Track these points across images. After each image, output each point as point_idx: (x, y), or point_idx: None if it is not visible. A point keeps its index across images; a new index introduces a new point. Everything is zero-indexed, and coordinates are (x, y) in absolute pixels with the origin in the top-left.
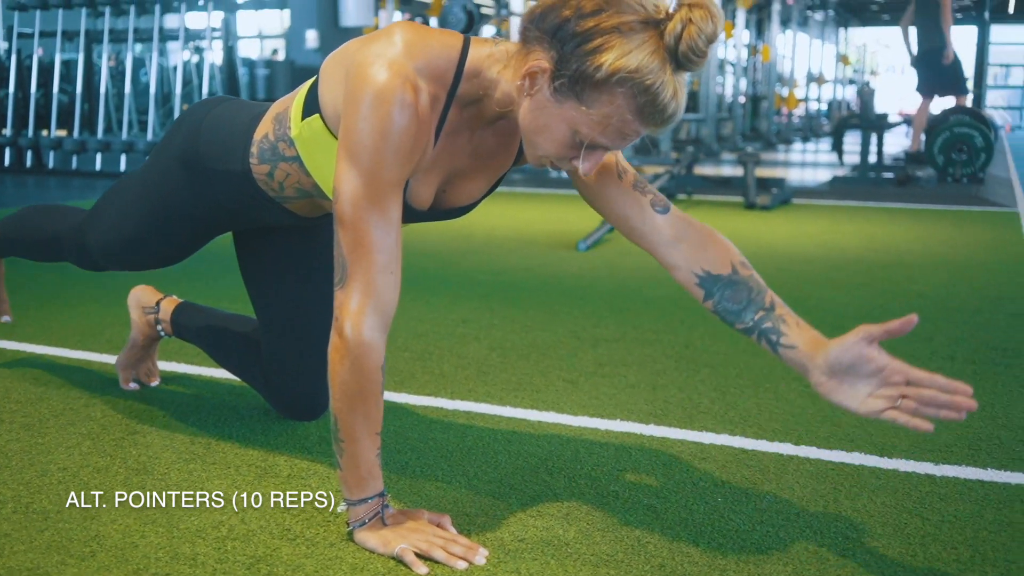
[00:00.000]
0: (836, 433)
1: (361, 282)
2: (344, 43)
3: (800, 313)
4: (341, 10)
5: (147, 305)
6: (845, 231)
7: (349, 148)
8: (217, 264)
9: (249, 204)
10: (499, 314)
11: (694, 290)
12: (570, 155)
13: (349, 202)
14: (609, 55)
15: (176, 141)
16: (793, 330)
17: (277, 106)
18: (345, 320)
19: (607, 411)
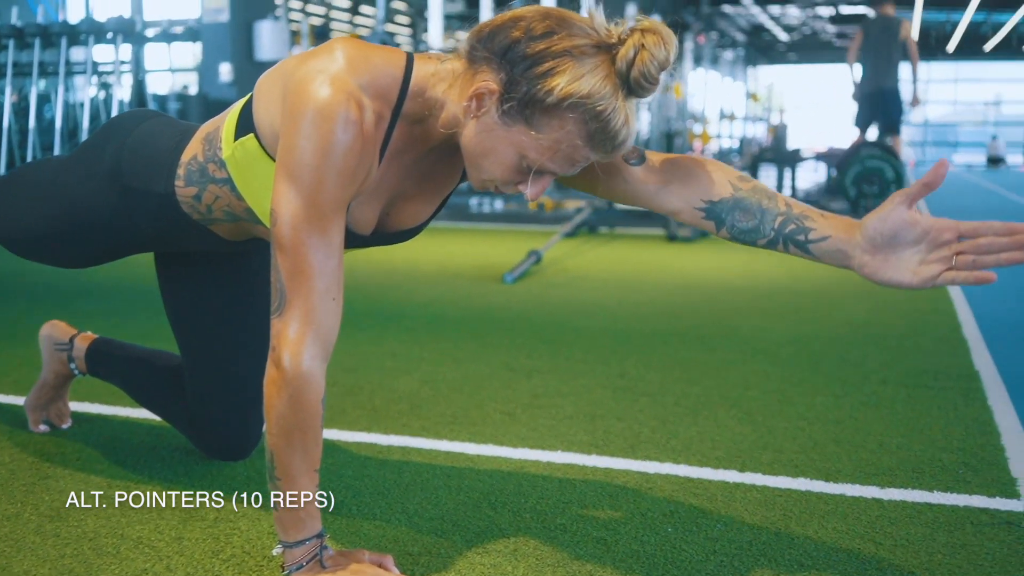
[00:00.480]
0: (779, 459)
1: (301, 309)
2: (278, 63)
3: (734, 342)
4: (256, 44)
5: (60, 342)
6: (767, 262)
7: (289, 168)
8: (136, 299)
9: (169, 228)
10: (428, 347)
11: (704, 224)
12: (516, 179)
13: (288, 224)
14: (560, 79)
15: (101, 148)
16: (819, 221)
17: (207, 126)
18: (283, 350)
19: (547, 443)
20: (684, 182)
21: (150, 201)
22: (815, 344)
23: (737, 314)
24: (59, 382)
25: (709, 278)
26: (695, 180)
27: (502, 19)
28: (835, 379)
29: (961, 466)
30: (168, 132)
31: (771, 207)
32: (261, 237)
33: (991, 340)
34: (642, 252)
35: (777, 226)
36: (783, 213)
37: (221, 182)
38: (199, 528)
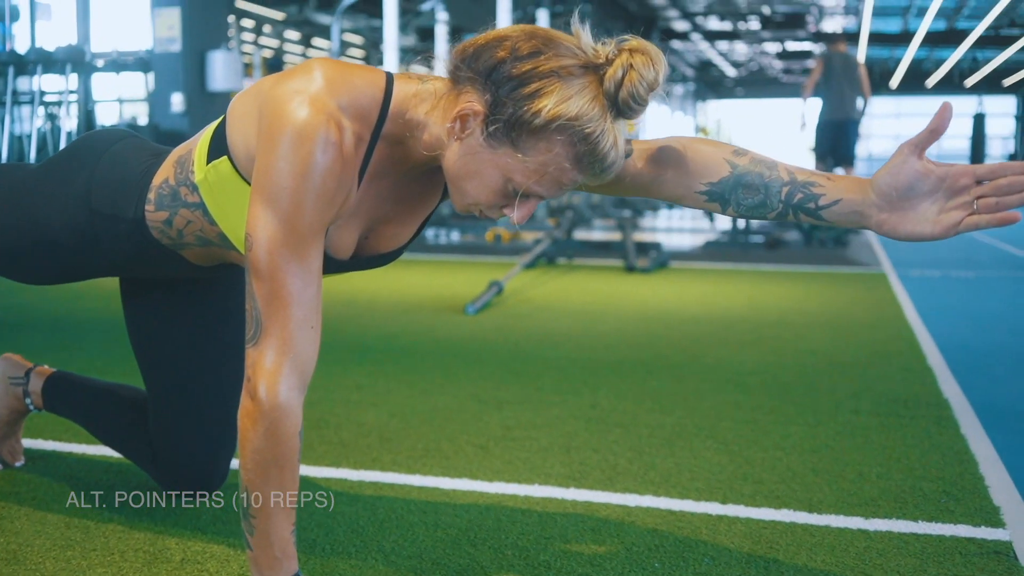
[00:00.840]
0: (760, 490)
1: (278, 338)
2: (253, 84)
3: (701, 371)
4: (209, 74)
5: (14, 376)
6: (726, 292)
7: (266, 190)
8: (95, 332)
9: (137, 253)
10: (394, 379)
11: (708, 206)
12: (501, 203)
13: (265, 249)
14: (548, 100)
15: (72, 168)
16: (828, 186)
17: (179, 150)
18: (259, 380)
19: (523, 476)
20: (679, 168)
21: (119, 226)
22: (782, 373)
23: (701, 344)
24: (13, 418)
25: (669, 308)
26: (690, 164)
27: (486, 38)
28: (807, 408)
29: (943, 495)
30: (139, 155)
31: (774, 178)
32: (233, 262)
33: (956, 368)
34: (601, 283)
35: (784, 197)
36: (788, 182)
37: (193, 206)
38: (164, 570)
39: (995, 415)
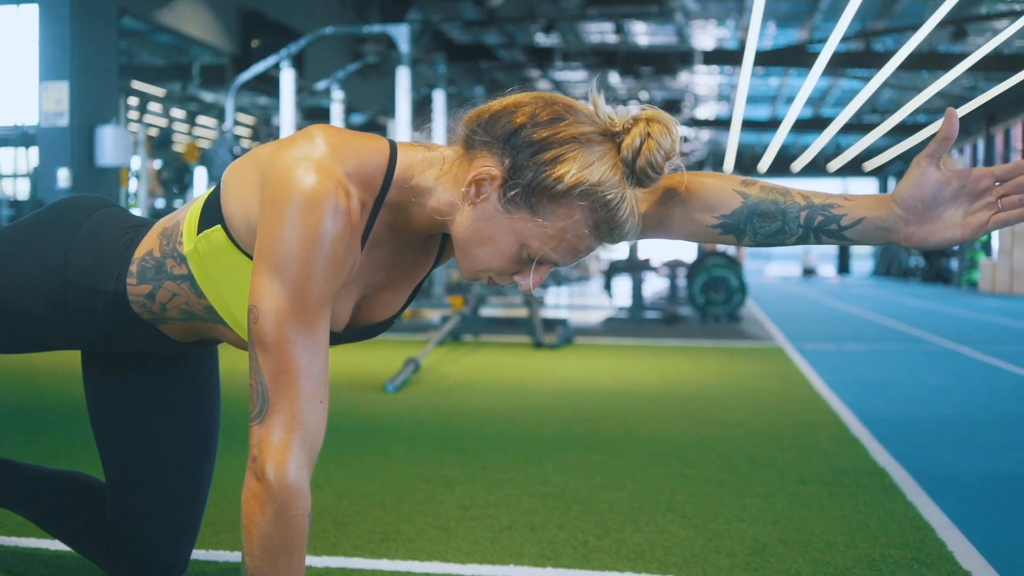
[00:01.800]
0: (736, 563)
1: (286, 414)
2: (249, 152)
3: (639, 446)
4: (97, 149)
5: None
6: (637, 366)
7: (273, 260)
8: (59, 419)
9: (111, 328)
10: (331, 460)
11: (723, 239)
12: (513, 270)
13: (272, 321)
14: (570, 166)
15: (48, 235)
16: (847, 206)
17: (163, 222)
18: (266, 460)
19: (494, 557)
20: (687, 204)
21: (96, 299)
22: (718, 446)
23: (630, 418)
24: None
25: (588, 383)
26: (698, 199)
27: (502, 105)
28: (754, 480)
29: (913, 562)
30: (119, 226)
31: (790, 203)
32: (214, 338)
33: (881, 438)
34: (513, 359)
35: (804, 221)
36: (805, 207)
37: (180, 279)
38: None
39: (934, 482)
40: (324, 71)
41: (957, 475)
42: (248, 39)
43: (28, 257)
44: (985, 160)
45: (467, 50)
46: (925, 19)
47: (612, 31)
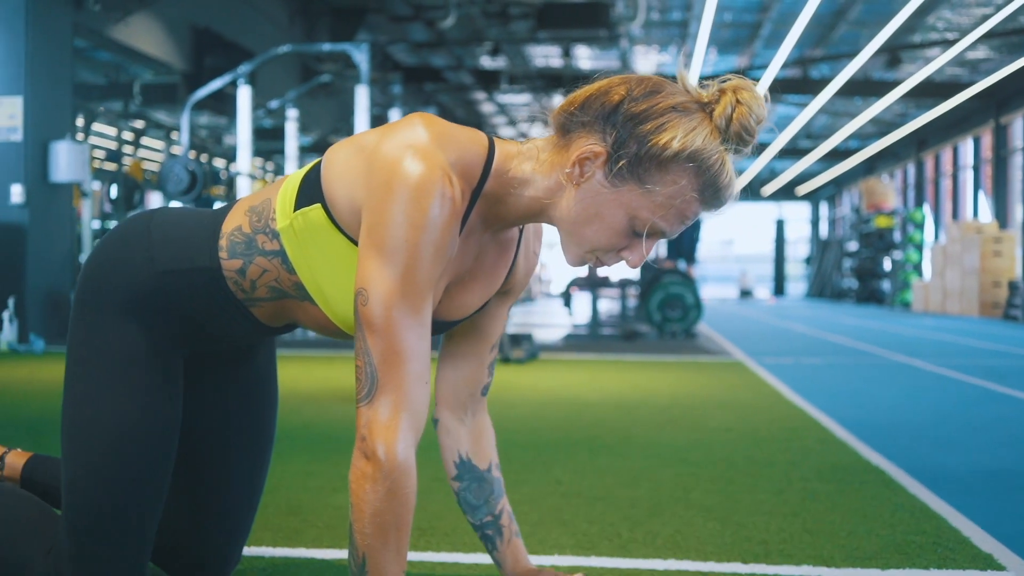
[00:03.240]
0: (769, 550)
1: (394, 394)
2: (351, 137)
3: (640, 450)
4: (52, 165)
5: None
6: (609, 379)
7: (382, 244)
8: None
9: (210, 310)
10: (340, 465)
11: (450, 467)
12: (621, 244)
13: (382, 304)
14: (674, 132)
15: (120, 252)
16: (504, 547)
17: (248, 200)
18: (376, 439)
19: (535, 548)
20: (474, 434)
21: (194, 278)
22: (716, 449)
23: (622, 425)
24: None
25: (566, 394)
26: (479, 441)
27: (592, 89)
28: (761, 478)
29: (935, 546)
30: (192, 212)
31: (492, 504)
32: (298, 321)
33: (867, 440)
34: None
35: (485, 521)
36: (494, 516)
37: (271, 254)
38: None
39: (931, 478)
40: (274, 90)
41: (950, 472)
42: (201, 57)
43: (116, 273)
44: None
45: (414, 72)
46: (861, 47)
47: (558, 55)
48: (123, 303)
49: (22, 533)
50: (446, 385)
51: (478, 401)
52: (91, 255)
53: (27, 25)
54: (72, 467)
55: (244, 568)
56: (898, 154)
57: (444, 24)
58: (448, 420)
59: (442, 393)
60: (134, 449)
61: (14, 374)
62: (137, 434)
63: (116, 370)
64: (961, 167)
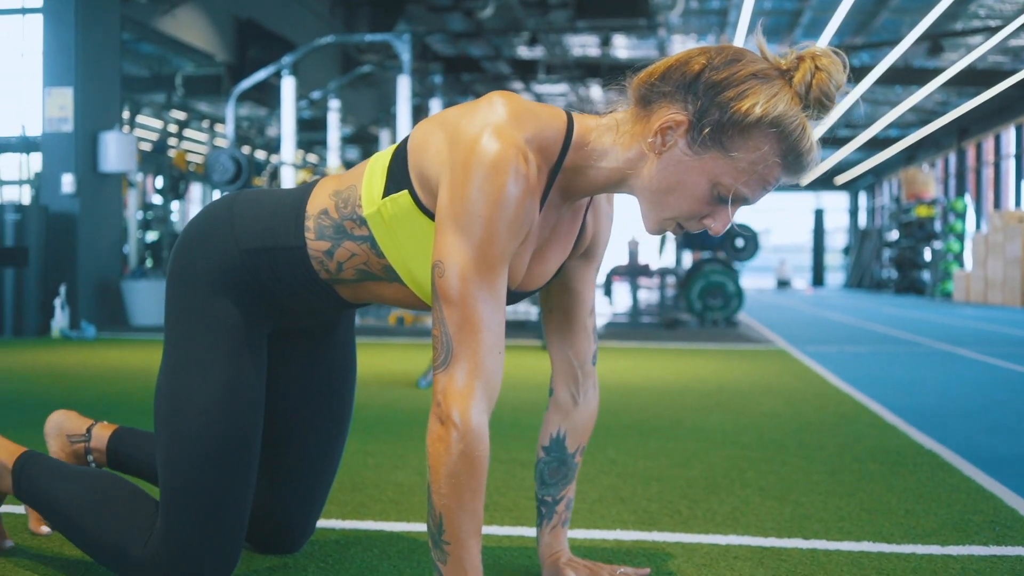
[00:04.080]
0: (830, 528)
1: (469, 363)
2: (435, 115)
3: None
4: (101, 156)
5: (74, 433)
6: (652, 366)
7: (458, 218)
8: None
9: (297, 289)
10: (396, 444)
11: (544, 435)
12: (703, 212)
13: (457, 276)
14: (756, 98)
15: (204, 234)
16: (547, 529)
17: (331, 183)
18: (451, 405)
19: (598, 523)
20: (580, 413)
21: (277, 256)
22: (767, 432)
23: (669, 410)
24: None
25: (612, 381)
26: (581, 421)
27: (671, 60)
28: (814, 460)
29: (993, 524)
30: (273, 193)
31: (560, 486)
32: (380, 299)
33: (917, 425)
34: (526, 359)
35: (545, 499)
36: (556, 500)
37: (360, 239)
38: None
39: (985, 462)
40: (316, 81)
41: (1003, 455)
42: (244, 48)
43: (202, 251)
44: (957, 172)
45: (453, 62)
46: (902, 35)
47: (596, 45)
48: (211, 280)
49: (119, 517)
50: (557, 359)
51: (589, 374)
52: (181, 234)
53: (77, 17)
54: (166, 437)
55: (317, 539)
56: (939, 143)
57: (483, 14)
58: (562, 396)
59: (555, 368)
60: (226, 419)
61: (68, 359)
62: (229, 405)
63: (208, 343)
64: (1003, 156)
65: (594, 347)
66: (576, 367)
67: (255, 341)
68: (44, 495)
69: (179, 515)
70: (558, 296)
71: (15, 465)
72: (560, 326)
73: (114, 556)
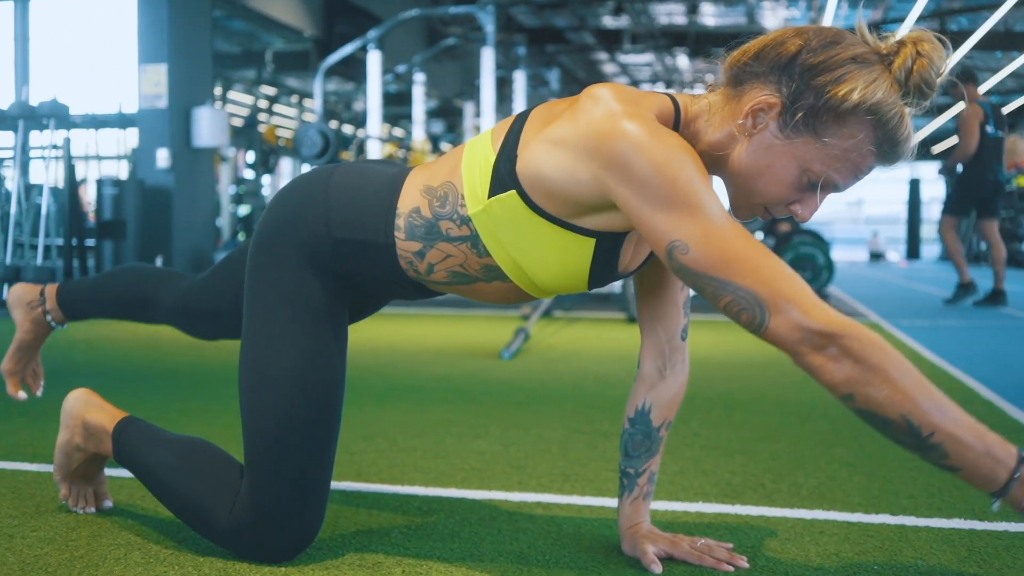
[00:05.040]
0: (920, 504)
1: (783, 291)
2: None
3: (773, 407)
4: (194, 131)
5: (31, 300)
6: (736, 339)
7: (663, 197)
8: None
9: (382, 280)
10: (480, 414)
11: (630, 407)
12: (791, 198)
13: (703, 239)
14: (853, 84)
15: (297, 211)
16: (627, 501)
17: (423, 177)
18: (806, 330)
19: (679, 495)
20: (668, 384)
21: (366, 249)
22: None
23: (752, 383)
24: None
25: (694, 353)
26: (668, 393)
27: (767, 39)
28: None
29: None
30: (370, 177)
31: (644, 459)
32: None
33: (1014, 400)
34: (610, 332)
35: (628, 471)
36: (638, 473)
37: (458, 240)
38: None
39: None
40: (401, 55)
41: None
42: (331, 23)
43: (295, 229)
44: None
45: (537, 33)
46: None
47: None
48: (299, 257)
49: (206, 485)
50: (646, 331)
51: (678, 349)
52: (273, 204)
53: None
54: (249, 406)
55: (400, 506)
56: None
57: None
58: (648, 369)
59: (644, 340)
60: (308, 388)
61: (163, 329)
62: (311, 375)
63: (292, 313)
64: None
65: (684, 321)
66: (664, 341)
67: (337, 314)
68: (139, 461)
69: (262, 483)
70: (650, 269)
71: (115, 430)
72: (650, 299)
73: (202, 521)
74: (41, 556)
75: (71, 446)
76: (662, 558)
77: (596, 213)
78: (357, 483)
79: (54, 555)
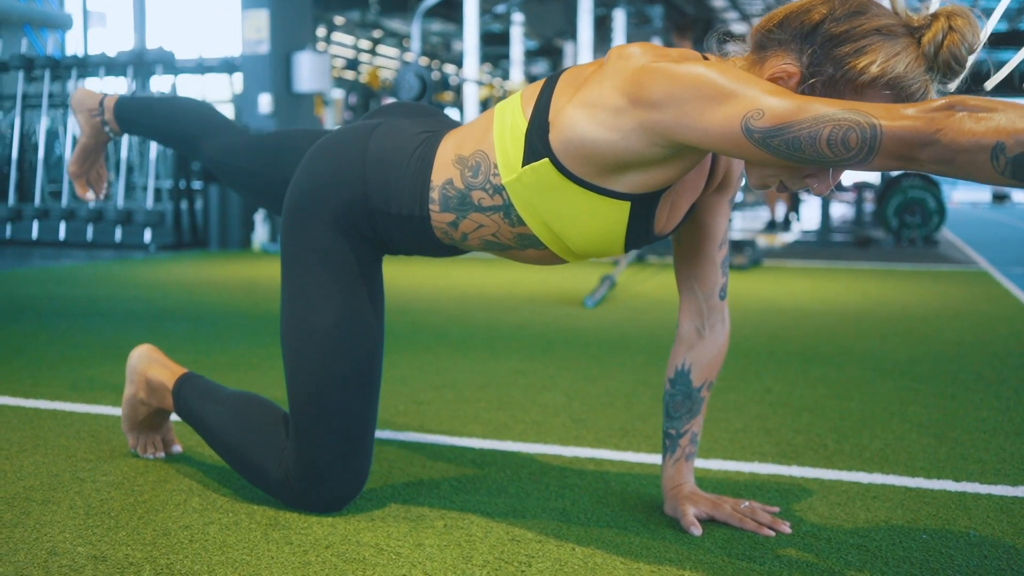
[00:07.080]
0: (985, 469)
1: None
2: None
3: (856, 361)
4: (295, 76)
5: (93, 108)
6: (834, 288)
7: (718, 95)
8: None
9: (416, 246)
10: (550, 365)
11: (670, 367)
12: (806, 171)
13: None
14: (875, 56)
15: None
16: (670, 462)
17: (454, 146)
18: (921, 105)
19: (736, 454)
20: (707, 344)
21: (402, 221)
22: (942, 363)
23: (840, 335)
24: (99, 147)
25: (785, 302)
26: (708, 354)
27: (794, 6)
28: (988, 395)
29: None
30: (405, 145)
31: (685, 420)
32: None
33: None
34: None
35: (670, 432)
36: (681, 433)
37: (491, 210)
38: (433, 534)
39: None
40: None
41: None
42: None
43: (330, 193)
44: None
45: None
46: None
47: None
48: (334, 219)
49: (258, 439)
50: (684, 291)
51: (716, 308)
52: (309, 164)
53: None
54: (291, 362)
55: (454, 458)
56: None
57: None
58: (687, 329)
59: (682, 300)
60: (348, 343)
61: (265, 271)
62: (350, 329)
63: (327, 272)
64: None
65: (723, 280)
66: (701, 300)
67: (371, 269)
68: (197, 415)
69: (306, 439)
70: (687, 228)
71: (174, 387)
72: (687, 258)
73: (256, 474)
74: (107, 500)
75: (136, 400)
76: (704, 520)
77: (635, 171)
78: (418, 434)
79: (119, 499)
